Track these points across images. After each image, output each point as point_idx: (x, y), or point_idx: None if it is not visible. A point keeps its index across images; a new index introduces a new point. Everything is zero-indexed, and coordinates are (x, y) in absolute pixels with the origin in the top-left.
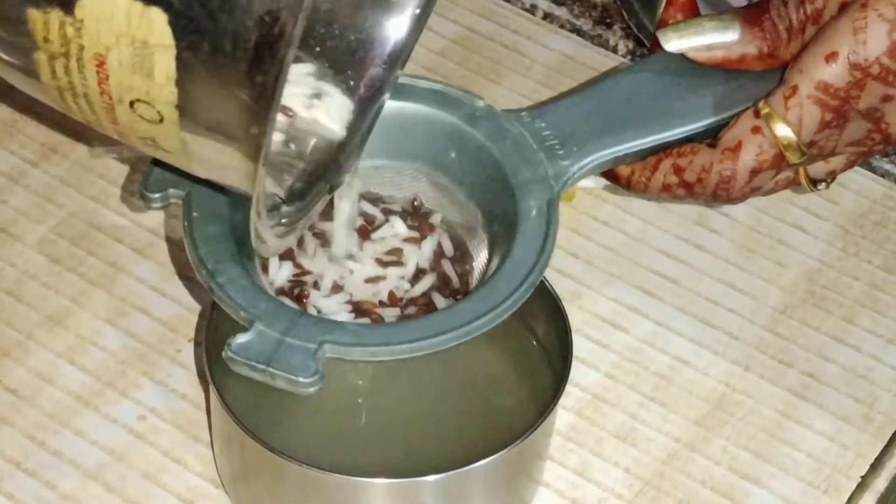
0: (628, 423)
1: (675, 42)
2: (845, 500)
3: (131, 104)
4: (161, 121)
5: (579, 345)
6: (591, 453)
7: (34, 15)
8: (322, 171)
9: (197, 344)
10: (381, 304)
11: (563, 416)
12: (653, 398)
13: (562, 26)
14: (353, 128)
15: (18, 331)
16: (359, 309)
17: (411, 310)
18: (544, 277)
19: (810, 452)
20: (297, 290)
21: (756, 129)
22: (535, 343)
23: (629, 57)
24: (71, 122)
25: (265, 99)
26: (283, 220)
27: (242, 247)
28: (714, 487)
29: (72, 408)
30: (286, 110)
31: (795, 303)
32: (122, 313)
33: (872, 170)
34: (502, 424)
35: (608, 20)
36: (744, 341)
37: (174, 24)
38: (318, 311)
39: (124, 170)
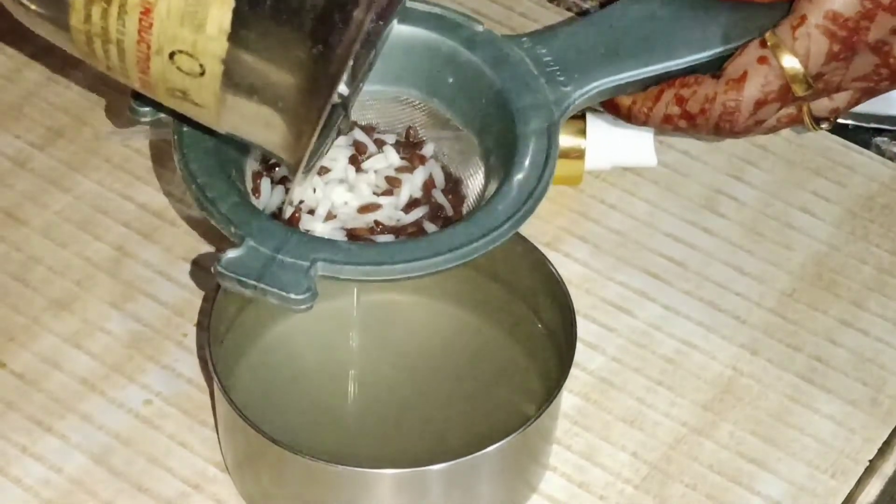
0: (635, 407)
1: None
2: (853, 484)
3: (171, 55)
4: (202, 74)
5: (586, 329)
6: (598, 437)
7: None
8: (327, 122)
9: (202, 328)
10: (374, 231)
11: (569, 400)
12: (660, 382)
13: (569, 9)
14: (352, 83)
15: (24, 315)
16: (352, 235)
17: (403, 238)
18: (549, 262)
19: (818, 436)
20: (288, 213)
21: (762, 60)
22: (540, 327)
23: None
24: (76, 107)
25: (329, 66)
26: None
27: (234, 165)
28: (721, 472)
29: (78, 392)
30: None
31: (803, 286)
32: (128, 297)
33: (881, 153)
34: (509, 408)
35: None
36: (751, 325)
37: None
38: None
39: (130, 154)
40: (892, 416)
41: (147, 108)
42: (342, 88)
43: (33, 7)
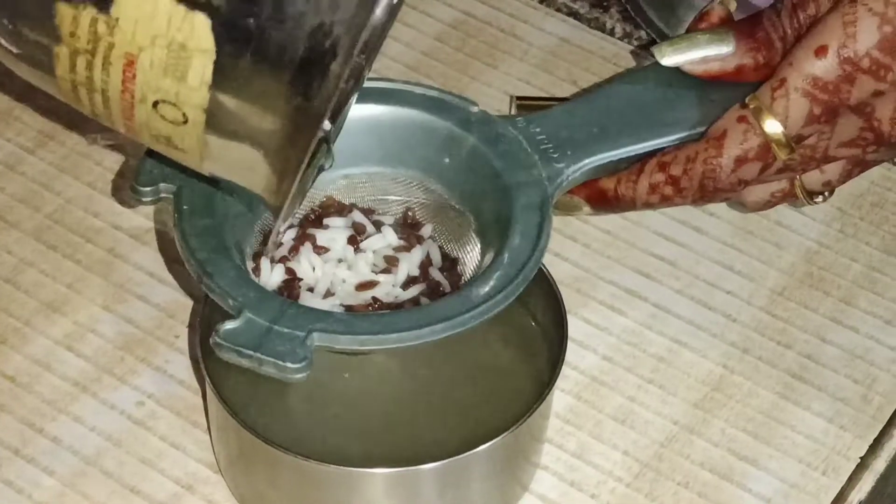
0: (627, 405)
1: (670, 57)
2: (844, 480)
3: (154, 104)
4: (185, 122)
5: (578, 328)
6: (589, 436)
7: (64, 10)
8: (311, 160)
9: (194, 330)
10: (371, 307)
11: (561, 398)
12: (651, 381)
13: (558, 9)
14: (337, 118)
15: (16, 318)
16: (350, 311)
17: None
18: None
19: (809, 434)
20: (287, 292)
21: (741, 119)
22: (534, 325)
23: (626, 40)
24: (67, 110)
25: (307, 117)
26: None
27: (233, 242)
28: (713, 469)
29: (70, 394)
30: None
31: (793, 284)
32: (119, 300)
33: None
34: (501, 407)
35: (605, 3)
36: (742, 323)
37: (218, 30)
38: None
39: (120, 158)
40: (882, 412)
41: (148, 189)
42: (324, 124)
43: (19, 55)
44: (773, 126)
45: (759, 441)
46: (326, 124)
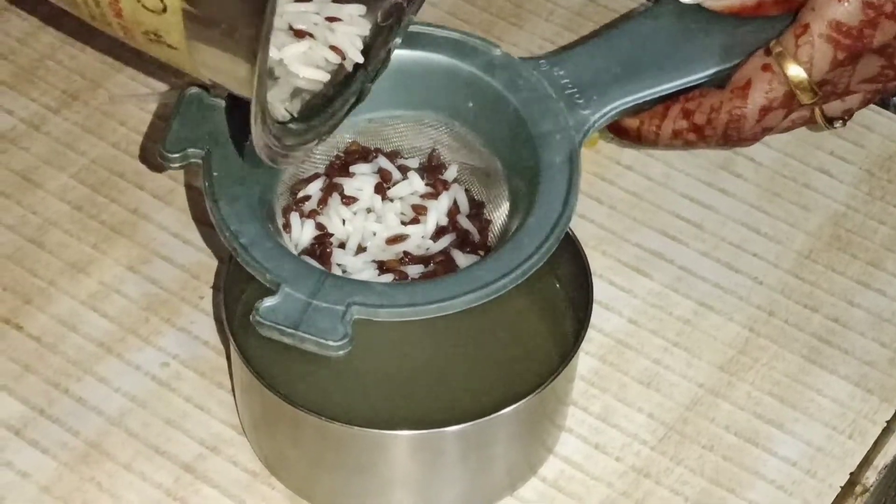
0: (652, 368)
1: None
2: (870, 444)
3: None
4: (164, 10)
5: (602, 290)
6: (614, 398)
7: None
8: (339, 90)
9: (219, 290)
10: (403, 261)
11: (586, 361)
12: (676, 343)
13: None
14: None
15: (41, 278)
16: (383, 267)
17: (432, 266)
18: None
19: (835, 397)
20: (319, 249)
21: (766, 67)
22: (558, 288)
23: None
24: (90, 70)
25: None
26: (299, 135)
27: (265, 206)
28: (738, 432)
29: (95, 355)
30: (302, 32)
31: (821, 247)
32: (144, 260)
33: None
34: (526, 370)
35: None
36: (768, 286)
37: None
38: (343, 270)
39: (145, 117)
40: None
41: (177, 154)
42: (354, 54)
43: None
44: (797, 71)
45: (784, 405)
46: (357, 55)
